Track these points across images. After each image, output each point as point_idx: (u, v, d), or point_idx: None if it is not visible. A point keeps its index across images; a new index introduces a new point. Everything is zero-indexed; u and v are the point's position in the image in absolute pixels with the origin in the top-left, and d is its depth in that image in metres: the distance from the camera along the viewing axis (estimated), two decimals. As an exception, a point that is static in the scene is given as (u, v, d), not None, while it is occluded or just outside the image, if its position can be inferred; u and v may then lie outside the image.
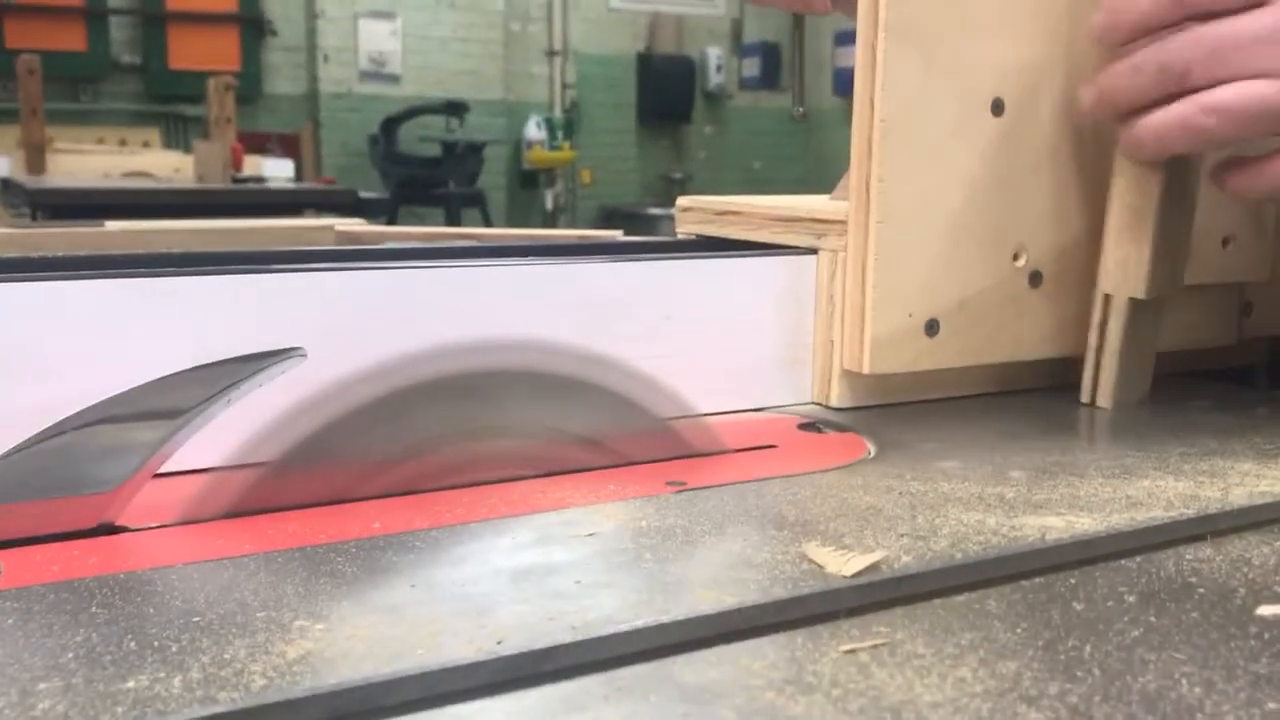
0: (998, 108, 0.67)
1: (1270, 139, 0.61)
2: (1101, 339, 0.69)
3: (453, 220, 6.99)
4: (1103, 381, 0.69)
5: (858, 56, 0.63)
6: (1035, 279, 0.70)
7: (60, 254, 0.58)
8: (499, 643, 0.34)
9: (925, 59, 0.64)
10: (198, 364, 0.46)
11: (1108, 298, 0.68)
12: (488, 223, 7.13)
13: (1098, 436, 0.64)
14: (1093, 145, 0.70)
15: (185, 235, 1.26)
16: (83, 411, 0.44)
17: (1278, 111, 0.58)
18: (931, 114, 0.64)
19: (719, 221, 0.77)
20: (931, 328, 0.67)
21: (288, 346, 0.46)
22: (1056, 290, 0.71)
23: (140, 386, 0.45)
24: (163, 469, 0.46)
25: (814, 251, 0.69)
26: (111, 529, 0.45)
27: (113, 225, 1.42)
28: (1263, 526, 0.48)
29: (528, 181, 8.16)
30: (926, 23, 0.63)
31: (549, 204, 8.22)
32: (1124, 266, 0.67)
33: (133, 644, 0.34)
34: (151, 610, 0.37)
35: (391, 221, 6.25)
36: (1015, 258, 0.69)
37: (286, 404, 0.47)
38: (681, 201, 0.80)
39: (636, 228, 7.06)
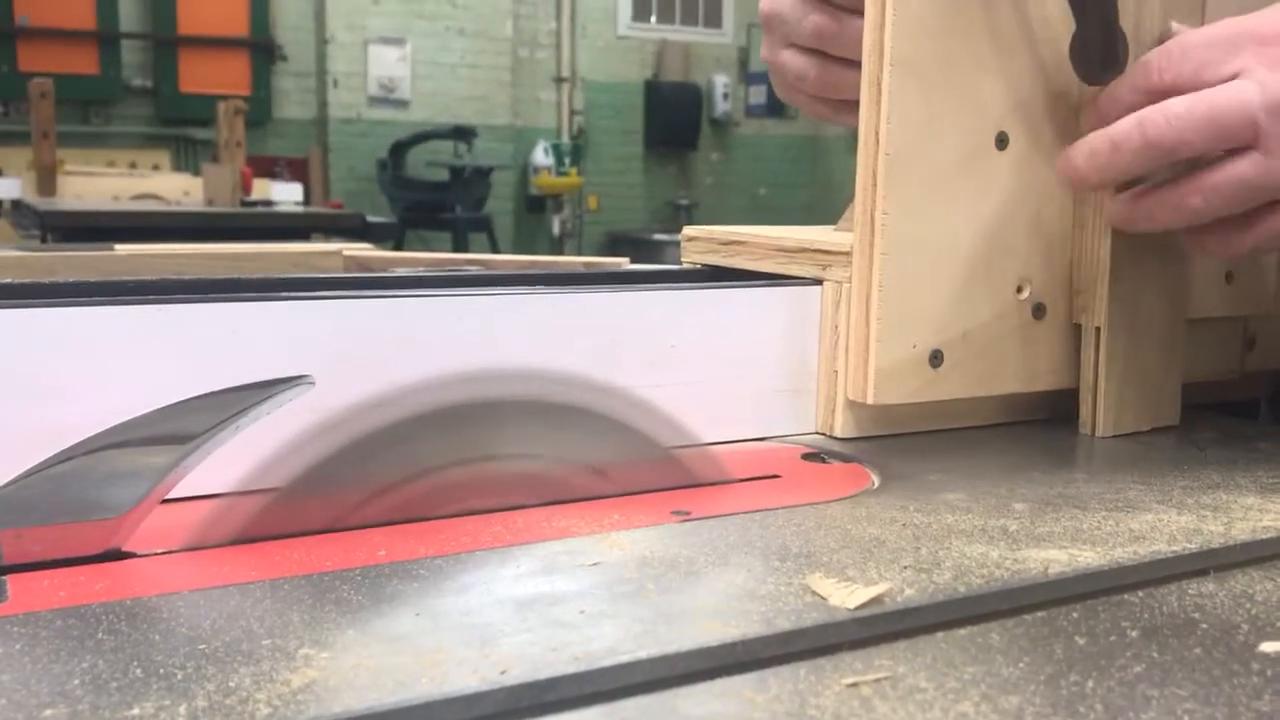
0: (1002, 142, 0.67)
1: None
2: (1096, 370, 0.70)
3: (460, 245, 7.02)
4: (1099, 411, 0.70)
5: (863, 90, 0.64)
6: (1039, 311, 0.70)
7: (69, 280, 0.58)
8: (503, 673, 0.34)
9: (930, 93, 0.64)
10: (206, 391, 0.46)
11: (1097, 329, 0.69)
12: (495, 248, 7.15)
13: (1101, 469, 0.64)
14: (1097, 179, 0.70)
15: (194, 259, 1.27)
16: (91, 437, 0.44)
17: (1259, 189, 0.61)
18: (936, 147, 0.65)
19: (724, 251, 0.77)
20: (935, 359, 0.67)
21: (296, 374, 0.47)
22: (1061, 323, 0.71)
23: (149, 413, 0.45)
24: (170, 495, 0.46)
25: (819, 282, 0.69)
26: (119, 555, 0.45)
27: (122, 248, 1.43)
28: (1266, 562, 0.48)
29: (535, 207, 8.19)
30: (932, 57, 0.64)
31: (556, 229, 8.25)
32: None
33: (139, 671, 0.34)
34: (158, 637, 0.37)
35: (399, 246, 6.27)
36: (1019, 290, 0.70)
37: (295, 431, 0.47)
38: (687, 231, 0.81)
39: (643, 254, 7.08)
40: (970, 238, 0.67)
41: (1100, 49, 0.65)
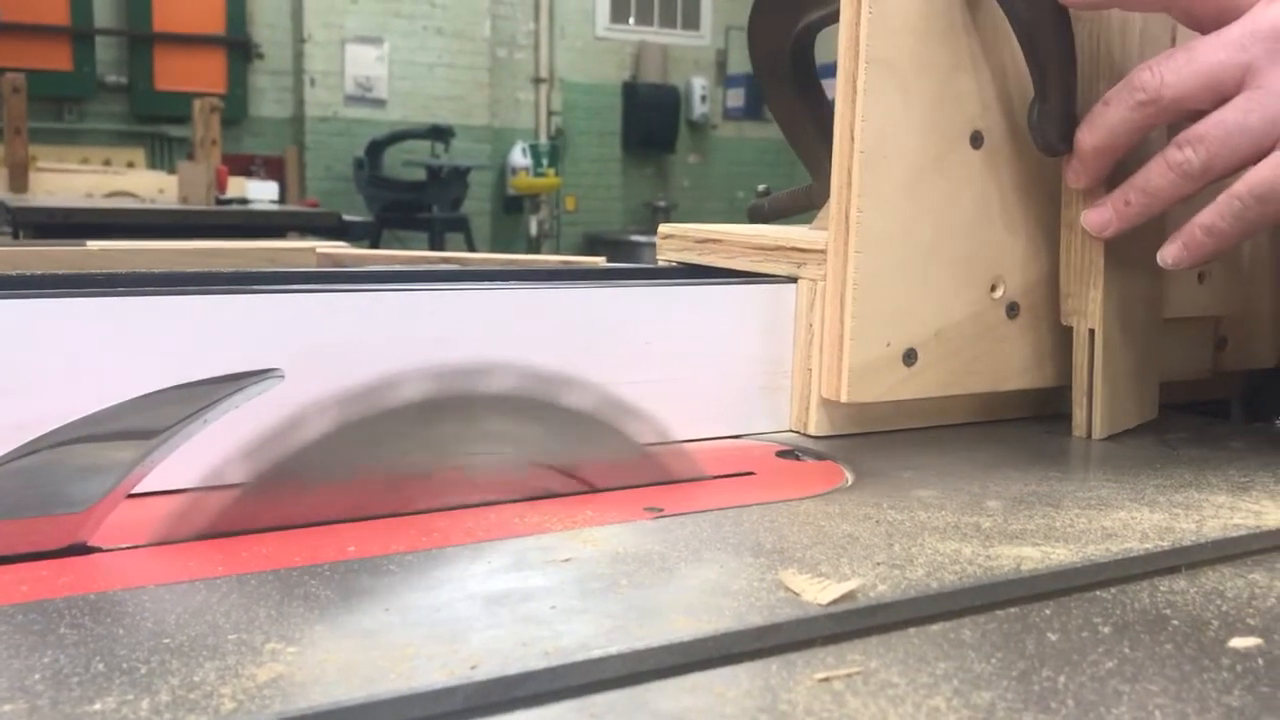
0: (977, 140, 0.67)
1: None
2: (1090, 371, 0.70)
3: (436, 245, 7.00)
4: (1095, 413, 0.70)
5: (839, 88, 0.64)
6: (1013, 310, 0.70)
7: (37, 273, 0.57)
8: (473, 668, 0.34)
9: (905, 91, 0.64)
10: (174, 384, 0.46)
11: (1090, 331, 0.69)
12: (471, 248, 7.13)
13: (1074, 467, 0.64)
14: (1071, 179, 0.70)
15: (166, 255, 1.26)
16: (57, 430, 0.44)
17: (1246, 132, 0.59)
18: (911, 146, 0.65)
19: (700, 249, 0.77)
20: (909, 357, 0.67)
21: (265, 367, 0.46)
22: (1034, 322, 0.71)
23: (115, 406, 0.45)
24: (137, 489, 0.45)
25: (793, 280, 0.69)
26: (83, 549, 0.44)
27: (94, 244, 1.41)
28: (1236, 559, 0.48)
29: (512, 207, 8.18)
30: (907, 55, 0.64)
31: (533, 230, 8.24)
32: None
33: (101, 666, 0.34)
34: (121, 632, 0.36)
35: (375, 245, 6.24)
36: (993, 289, 0.70)
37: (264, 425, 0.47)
38: (663, 229, 0.81)
39: (620, 254, 7.08)
40: (944, 236, 0.67)
41: (1060, 122, 0.65)
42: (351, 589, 0.41)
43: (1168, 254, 0.64)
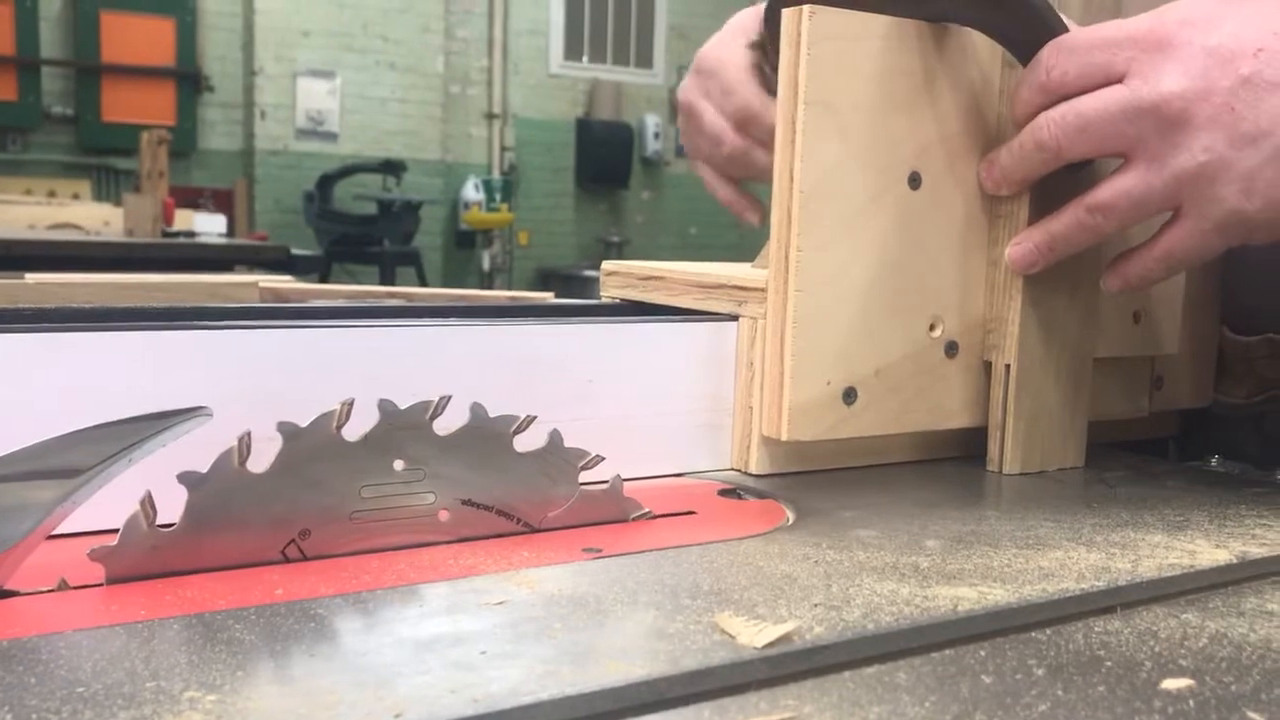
0: (915, 181, 0.68)
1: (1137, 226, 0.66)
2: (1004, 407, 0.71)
3: (387, 279, 6.96)
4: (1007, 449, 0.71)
5: (778, 129, 0.64)
6: (952, 349, 0.71)
7: (-37, 307, 0.56)
8: (396, 716, 0.33)
9: (844, 133, 0.65)
10: (99, 422, 0.45)
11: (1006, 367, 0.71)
12: (423, 282, 7.10)
13: (1013, 506, 0.64)
14: (1008, 220, 0.71)
15: (105, 288, 1.24)
16: (-26, 470, 0.43)
17: (1142, 201, 0.62)
18: (850, 186, 0.65)
19: (643, 286, 0.77)
20: (849, 396, 0.67)
21: (193, 406, 0.45)
22: (973, 361, 0.72)
23: (36, 444, 0.44)
24: (58, 530, 0.44)
25: (735, 318, 0.69)
26: (0, 593, 0.43)
27: (32, 277, 1.39)
28: (1170, 599, 0.48)
29: (464, 242, 8.16)
30: (846, 97, 0.65)
31: (486, 264, 8.22)
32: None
33: (9, 717, 0.32)
34: (33, 680, 0.35)
35: (324, 279, 6.20)
36: (932, 328, 0.70)
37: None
38: (606, 266, 0.81)
39: (573, 289, 7.09)
40: (884, 276, 0.68)
41: None
42: (276, 633, 0.40)
43: (1111, 286, 0.68)
